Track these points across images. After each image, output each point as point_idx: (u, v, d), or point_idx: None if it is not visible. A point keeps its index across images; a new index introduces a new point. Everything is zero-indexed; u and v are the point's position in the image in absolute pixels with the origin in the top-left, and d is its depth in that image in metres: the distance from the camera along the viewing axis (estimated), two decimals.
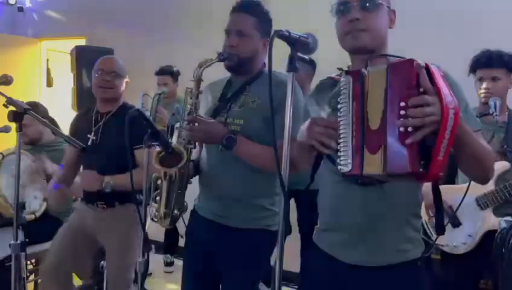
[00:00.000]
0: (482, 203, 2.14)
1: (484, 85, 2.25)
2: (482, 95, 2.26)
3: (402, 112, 1.00)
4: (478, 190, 2.11)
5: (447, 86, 1.04)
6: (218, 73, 1.89)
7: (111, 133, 2.28)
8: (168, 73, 4.01)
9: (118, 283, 2.33)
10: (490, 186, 2.11)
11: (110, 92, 2.35)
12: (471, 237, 2.16)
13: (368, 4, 1.26)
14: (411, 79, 1.01)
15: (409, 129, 0.99)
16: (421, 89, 1.01)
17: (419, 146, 1.00)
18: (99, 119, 2.37)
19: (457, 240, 2.19)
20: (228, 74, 1.88)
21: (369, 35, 1.27)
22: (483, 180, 1.29)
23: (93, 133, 2.33)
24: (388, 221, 1.29)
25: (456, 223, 2.19)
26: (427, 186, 1.27)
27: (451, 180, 2.25)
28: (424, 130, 0.99)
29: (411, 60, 1.03)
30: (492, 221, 2.12)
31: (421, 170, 1.00)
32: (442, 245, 2.22)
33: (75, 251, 2.35)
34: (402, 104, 1.01)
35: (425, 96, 1.00)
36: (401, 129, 1.00)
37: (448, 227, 2.19)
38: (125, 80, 2.44)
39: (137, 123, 2.26)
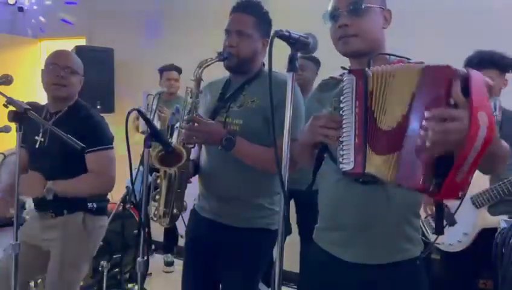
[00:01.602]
0: (477, 202, 2.17)
1: None
2: None
3: (424, 123, 0.91)
4: (473, 189, 2.14)
5: (487, 98, 0.92)
6: (218, 73, 1.89)
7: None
8: (176, 68, 4.00)
9: None
10: (485, 185, 2.14)
11: (63, 90, 2.08)
12: (467, 235, 2.19)
13: (356, 9, 1.27)
14: (441, 88, 0.91)
15: (427, 143, 0.90)
16: (452, 101, 0.91)
17: (437, 162, 0.91)
18: (48, 119, 2.12)
19: (452, 239, 2.23)
20: (227, 74, 1.89)
21: (360, 39, 1.27)
22: (495, 174, 1.30)
23: (41, 135, 2.09)
24: (388, 220, 1.29)
25: (451, 222, 2.22)
26: None
27: None
28: (443, 147, 0.91)
29: (447, 67, 0.93)
30: (487, 219, 2.16)
31: (431, 188, 0.92)
32: (438, 243, 2.25)
33: (27, 266, 2.08)
34: (426, 113, 0.91)
35: (450, 110, 0.90)
36: (419, 141, 0.92)
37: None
38: (81, 77, 2.16)
39: (87, 125, 2.03)
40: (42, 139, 2.10)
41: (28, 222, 2.24)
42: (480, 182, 2.12)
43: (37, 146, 2.11)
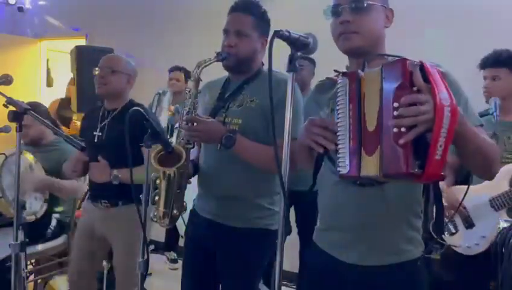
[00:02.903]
0: (496, 204, 2.12)
1: (484, 84, 2.25)
2: (484, 95, 2.27)
3: (395, 113, 0.99)
4: (492, 191, 2.10)
5: (445, 83, 1.02)
6: (218, 73, 1.89)
7: (117, 130, 2.25)
8: (183, 70, 4.04)
9: (127, 282, 2.31)
10: (504, 187, 2.09)
11: (103, 88, 2.32)
12: (485, 238, 2.13)
13: (358, 6, 1.26)
14: (404, 78, 1.00)
15: (403, 129, 0.98)
16: (415, 88, 1.00)
17: (415, 146, 0.98)
18: (106, 116, 2.37)
19: (470, 241, 2.16)
20: (226, 73, 1.88)
21: (360, 36, 1.27)
22: (489, 176, 1.25)
23: (98, 130, 2.33)
24: (387, 221, 1.28)
25: (469, 224, 2.18)
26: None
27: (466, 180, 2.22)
28: (417, 129, 0.98)
29: (403, 59, 1.02)
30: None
31: (416, 170, 0.98)
32: (455, 246, 2.18)
33: (93, 257, 2.38)
34: (395, 104, 1.00)
35: (417, 95, 0.98)
36: (395, 130, 0.99)
37: (462, 228, 2.19)
38: (129, 76, 2.40)
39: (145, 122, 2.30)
40: (100, 134, 2.33)
41: (86, 211, 2.47)
42: (499, 184, 2.08)
43: (95, 140, 2.33)
